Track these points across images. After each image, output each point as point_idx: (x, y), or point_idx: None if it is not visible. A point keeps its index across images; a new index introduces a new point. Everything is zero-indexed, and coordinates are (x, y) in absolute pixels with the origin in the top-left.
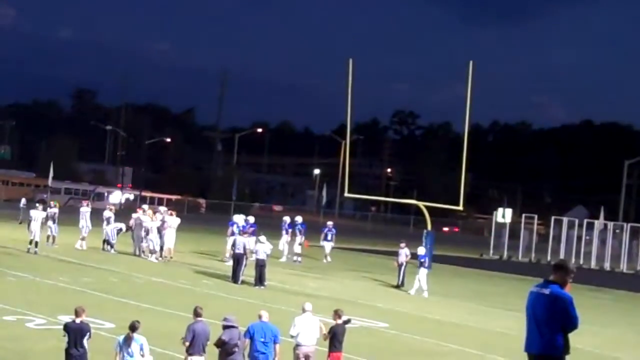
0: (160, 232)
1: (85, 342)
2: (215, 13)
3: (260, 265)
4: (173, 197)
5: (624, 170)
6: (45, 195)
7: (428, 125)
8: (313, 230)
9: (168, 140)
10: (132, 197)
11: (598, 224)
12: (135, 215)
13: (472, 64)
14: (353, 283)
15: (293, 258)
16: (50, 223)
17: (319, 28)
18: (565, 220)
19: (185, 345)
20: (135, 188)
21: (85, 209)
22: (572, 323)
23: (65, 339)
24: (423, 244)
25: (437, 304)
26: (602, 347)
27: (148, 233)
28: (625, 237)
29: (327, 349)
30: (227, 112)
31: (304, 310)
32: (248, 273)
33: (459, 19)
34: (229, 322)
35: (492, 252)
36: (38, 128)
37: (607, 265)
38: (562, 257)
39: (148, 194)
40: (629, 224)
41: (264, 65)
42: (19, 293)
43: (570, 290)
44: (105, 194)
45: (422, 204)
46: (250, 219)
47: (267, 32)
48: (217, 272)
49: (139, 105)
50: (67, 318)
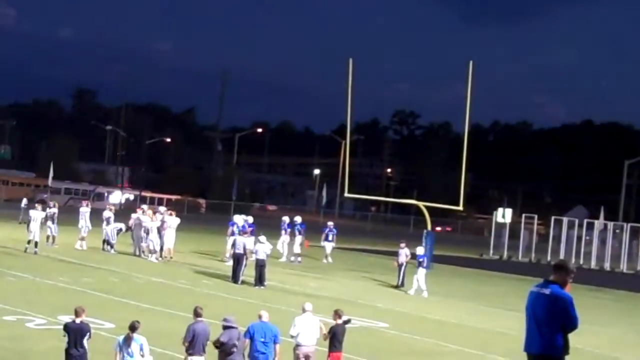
0: (160, 232)
1: (85, 342)
2: (216, 13)
3: (260, 266)
4: (173, 197)
5: (624, 170)
6: (46, 195)
7: (428, 125)
8: (313, 231)
9: (168, 140)
10: (132, 197)
11: (598, 224)
12: (135, 216)
13: (472, 64)
14: (353, 283)
15: (291, 258)
16: (50, 223)
17: (319, 28)
18: (565, 220)
19: (185, 345)
20: (135, 188)
21: (85, 209)
22: (572, 323)
23: (65, 339)
24: (423, 244)
25: (437, 304)
26: (602, 347)
27: (148, 233)
28: (625, 237)
29: (327, 349)
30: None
31: (304, 310)
32: (248, 273)
33: (459, 19)
34: (229, 322)
35: (492, 252)
36: (38, 128)
37: (607, 265)
38: (562, 257)
39: (148, 194)
40: (629, 224)
41: (265, 65)
42: (19, 293)
43: (571, 291)
44: (105, 194)
45: (422, 204)
46: (249, 219)
47: (267, 32)
48: (217, 272)
49: (139, 105)
50: (67, 318)
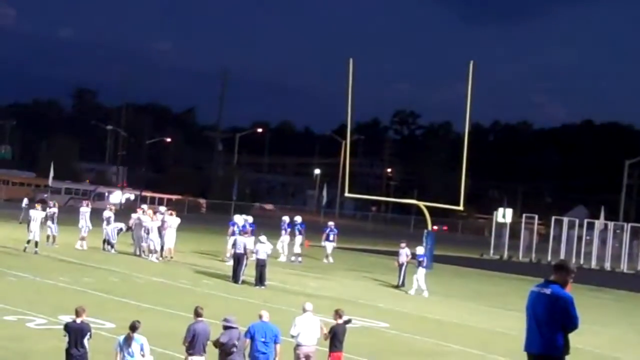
0: (161, 232)
1: (86, 342)
2: (216, 13)
3: (261, 265)
4: (173, 197)
5: (625, 170)
6: (46, 195)
7: (429, 125)
8: (314, 230)
9: (168, 140)
10: (132, 197)
11: (598, 224)
12: (135, 215)
13: (472, 64)
14: (354, 283)
15: (291, 258)
16: (50, 223)
17: (320, 28)
18: (566, 220)
19: (185, 345)
20: (135, 188)
21: (85, 209)
22: (572, 323)
23: (66, 339)
24: (423, 244)
25: (437, 304)
26: (602, 347)
27: (148, 233)
28: (626, 237)
29: (327, 349)
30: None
31: (305, 310)
32: (248, 273)
33: (460, 19)
34: (229, 322)
35: (492, 252)
36: (38, 128)
37: (607, 265)
38: (562, 257)
39: (148, 194)
40: (630, 224)
41: (265, 65)
42: (20, 293)
43: (571, 290)
44: (106, 194)
45: (422, 204)
46: (249, 219)
47: (267, 32)
48: (217, 272)
49: (140, 105)
50: (67, 318)
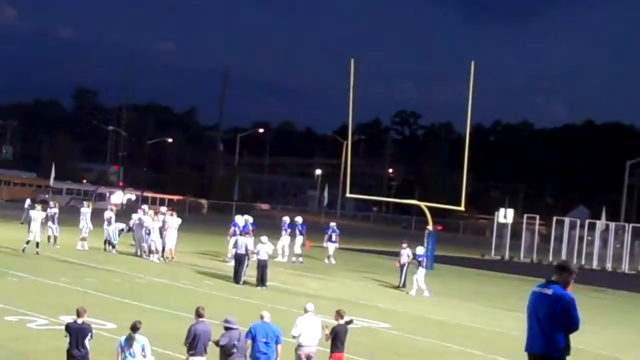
0: (162, 232)
1: (87, 342)
2: (217, 13)
3: (262, 266)
4: (174, 197)
5: (626, 171)
6: (47, 196)
7: (430, 125)
8: (315, 231)
9: (170, 141)
10: (133, 197)
11: (600, 225)
12: (136, 216)
13: (473, 64)
14: (355, 283)
15: (292, 259)
16: (51, 223)
17: (320, 28)
18: (567, 221)
19: (186, 346)
20: (137, 188)
21: (86, 210)
22: (574, 324)
23: (67, 340)
24: (424, 244)
25: (438, 305)
26: (603, 347)
27: (150, 233)
28: (627, 237)
29: (329, 350)
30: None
31: (306, 311)
32: (250, 273)
33: (461, 19)
34: (229, 323)
35: (493, 252)
36: (39, 128)
37: (608, 266)
38: (563, 257)
39: (150, 194)
40: (631, 225)
41: (266, 65)
42: (21, 293)
43: (572, 291)
44: (107, 194)
45: (423, 205)
46: (250, 219)
47: (268, 32)
48: (218, 272)
49: (141, 105)
50: (68, 318)
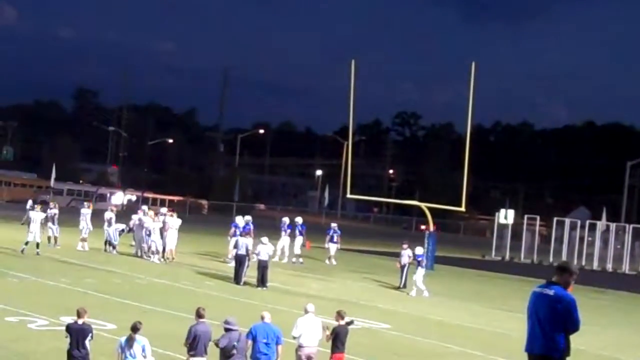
0: (162, 233)
1: (87, 343)
2: (217, 13)
3: (263, 267)
4: (175, 198)
5: (627, 171)
6: (48, 197)
7: (430, 126)
8: (315, 232)
9: (170, 141)
10: (134, 198)
11: (600, 225)
12: (136, 217)
13: (474, 65)
14: (355, 284)
15: (292, 259)
16: (51, 224)
17: (321, 28)
18: (568, 222)
19: (186, 346)
20: (137, 189)
21: (86, 210)
22: (574, 325)
23: (67, 340)
24: (425, 245)
25: (438, 305)
26: (604, 348)
27: (150, 234)
28: (628, 238)
29: (329, 350)
30: (229, 112)
31: (306, 312)
32: (250, 274)
33: (461, 19)
34: (229, 324)
35: (494, 253)
36: (40, 129)
37: (609, 267)
38: (564, 258)
39: (150, 195)
40: (631, 225)
41: (266, 66)
42: (21, 294)
43: (573, 292)
44: (108, 195)
45: (424, 205)
46: (249, 219)
47: (268, 32)
48: (219, 273)
49: (141, 106)
50: (69, 319)
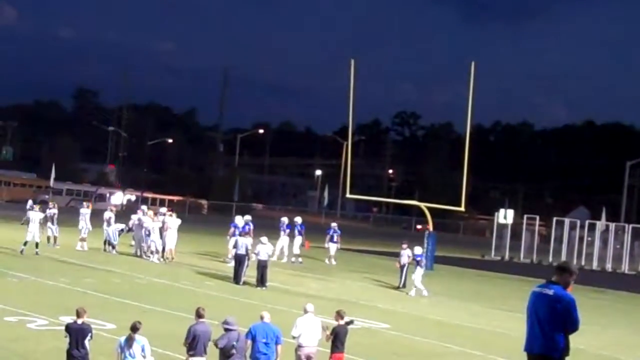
0: (162, 233)
1: (87, 343)
2: (217, 13)
3: (262, 266)
4: (175, 198)
5: (626, 171)
6: (47, 197)
7: (430, 126)
8: (315, 231)
9: (170, 141)
10: (133, 198)
11: (600, 225)
12: (135, 217)
13: (473, 65)
14: (355, 284)
15: (292, 259)
16: (50, 224)
17: (321, 28)
18: (567, 221)
19: (185, 346)
20: (137, 189)
21: (85, 210)
22: (574, 325)
23: (67, 340)
24: (424, 245)
25: (438, 305)
26: (603, 348)
27: (149, 234)
28: (627, 238)
29: (329, 350)
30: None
31: (306, 311)
32: (250, 274)
33: (461, 19)
34: (229, 324)
35: (493, 253)
36: (40, 129)
37: (608, 266)
38: (563, 258)
39: (150, 195)
40: (631, 225)
41: (266, 66)
42: (21, 294)
43: (572, 292)
44: (107, 195)
45: (423, 205)
46: (249, 220)
47: (268, 32)
48: (218, 273)
49: (141, 106)
50: (68, 319)
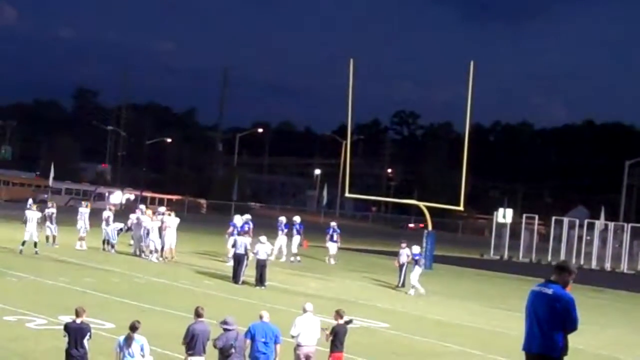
0: (160, 232)
1: (86, 342)
2: (217, 13)
3: (261, 266)
4: (174, 197)
5: (625, 171)
6: (46, 196)
7: (429, 125)
8: (314, 231)
9: (169, 141)
10: (132, 197)
11: (599, 224)
12: (134, 216)
13: (473, 64)
14: (354, 283)
15: (290, 258)
16: (49, 223)
17: (320, 28)
18: (566, 221)
19: (184, 346)
20: (136, 188)
21: (84, 210)
22: (573, 324)
23: (66, 339)
24: (423, 244)
25: (437, 304)
26: (602, 347)
27: (148, 233)
28: (626, 237)
29: (328, 350)
30: (228, 112)
31: (305, 311)
32: (249, 273)
33: (461, 19)
34: (227, 324)
35: (492, 252)
36: (39, 128)
37: (607, 266)
38: (562, 257)
39: (149, 194)
40: (630, 224)
41: (266, 66)
42: (20, 293)
43: (571, 291)
44: (106, 194)
45: (422, 204)
46: (248, 219)
47: (268, 32)
48: (218, 272)
49: (140, 105)
50: (67, 318)
